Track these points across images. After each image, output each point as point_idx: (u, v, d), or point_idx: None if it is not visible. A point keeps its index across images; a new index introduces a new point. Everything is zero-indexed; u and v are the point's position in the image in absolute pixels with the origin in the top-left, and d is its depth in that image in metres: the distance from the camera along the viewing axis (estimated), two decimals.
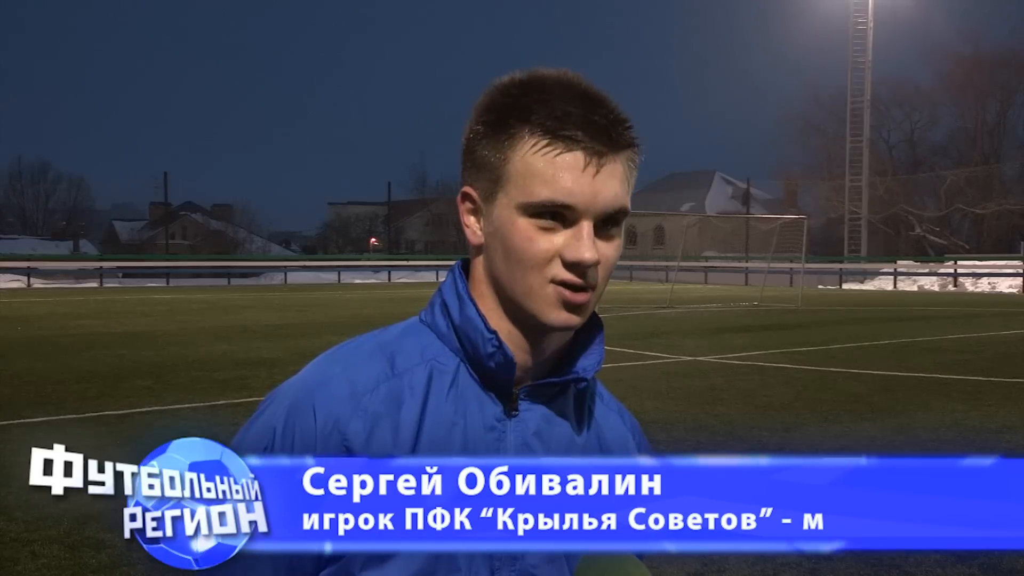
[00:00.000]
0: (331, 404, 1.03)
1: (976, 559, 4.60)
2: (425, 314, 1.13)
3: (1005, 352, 13.86)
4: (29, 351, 13.38)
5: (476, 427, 1.06)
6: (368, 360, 1.07)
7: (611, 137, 1.02)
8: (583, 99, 1.03)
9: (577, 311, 1.03)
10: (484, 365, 1.07)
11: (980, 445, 7.15)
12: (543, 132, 1.01)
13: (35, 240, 64.36)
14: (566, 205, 1.00)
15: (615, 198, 1.02)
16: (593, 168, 1.00)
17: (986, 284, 39.17)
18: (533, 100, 1.02)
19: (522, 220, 1.01)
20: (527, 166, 1.01)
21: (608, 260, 1.04)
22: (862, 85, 51.32)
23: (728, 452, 2.67)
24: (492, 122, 1.04)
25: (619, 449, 1.18)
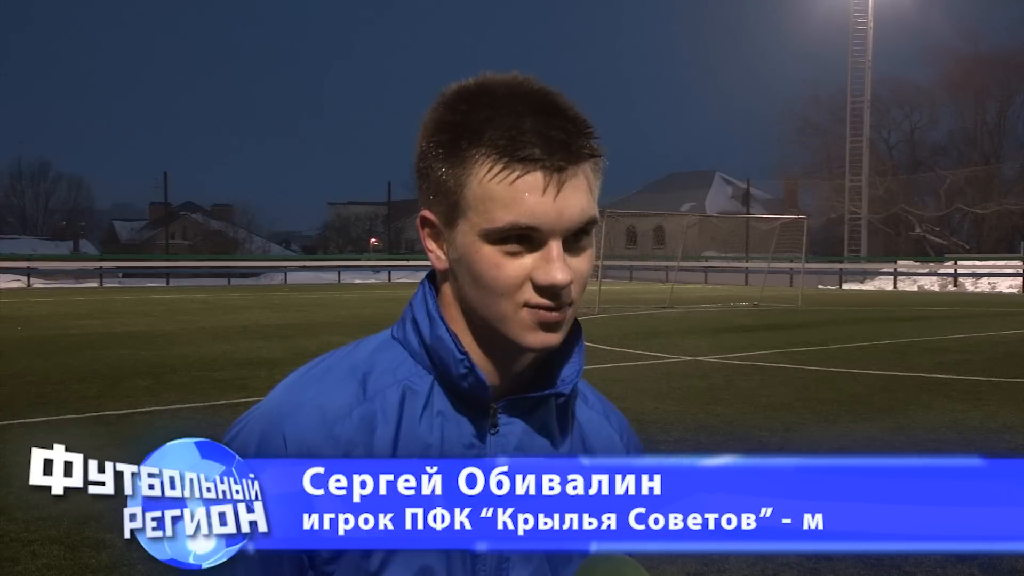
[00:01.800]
0: (302, 434, 1.00)
1: (976, 559, 4.60)
2: (397, 330, 1.10)
3: (1005, 352, 13.86)
4: (29, 351, 13.37)
5: (454, 447, 1.03)
6: (340, 383, 1.04)
7: (570, 150, 0.97)
8: (537, 111, 0.97)
9: (555, 330, 1.00)
10: (458, 387, 1.04)
11: (980, 445, 7.15)
12: (498, 155, 0.96)
13: (35, 240, 64.36)
14: (531, 227, 0.96)
15: (581, 212, 0.98)
16: (554, 187, 0.96)
17: (986, 284, 39.16)
18: (484, 118, 0.97)
19: (487, 247, 0.97)
20: (485, 191, 0.96)
21: (581, 274, 1.00)
22: (862, 85, 51.32)
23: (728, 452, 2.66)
24: (443, 143, 0.99)
25: (604, 452, 1.16)
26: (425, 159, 1.01)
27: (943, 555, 4.65)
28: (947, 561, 4.57)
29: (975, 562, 4.56)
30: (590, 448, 1.14)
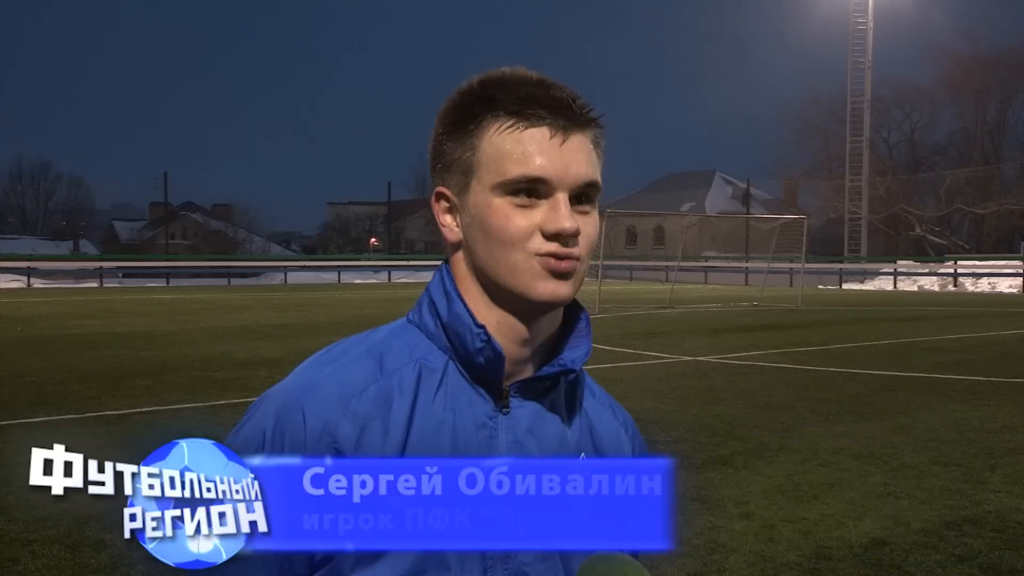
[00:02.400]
0: (320, 407, 1.03)
1: (976, 559, 4.60)
2: (413, 314, 1.13)
3: (1005, 352, 13.86)
4: (29, 351, 13.37)
5: (467, 425, 1.06)
6: (357, 362, 1.08)
7: (574, 111, 1.04)
8: (542, 83, 1.05)
9: (564, 280, 1.04)
10: (473, 361, 1.07)
11: (980, 445, 7.16)
12: (507, 114, 1.03)
13: (35, 240, 64.36)
14: (539, 179, 1.02)
15: (587, 171, 1.04)
16: (559, 139, 1.03)
17: (986, 284, 39.16)
18: (496, 89, 1.05)
19: (498, 200, 1.03)
20: (495, 148, 1.03)
21: (588, 235, 1.05)
22: (862, 85, 51.30)
23: (728, 452, 2.69)
24: (457, 120, 1.06)
25: (611, 444, 1.18)
26: (438, 142, 1.08)
27: (943, 555, 4.65)
28: (947, 561, 4.57)
29: (975, 562, 4.56)
30: (597, 438, 1.16)
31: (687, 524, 5.12)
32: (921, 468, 6.43)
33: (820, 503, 5.55)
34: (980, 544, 4.82)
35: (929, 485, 5.98)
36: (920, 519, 5.25)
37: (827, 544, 4.81)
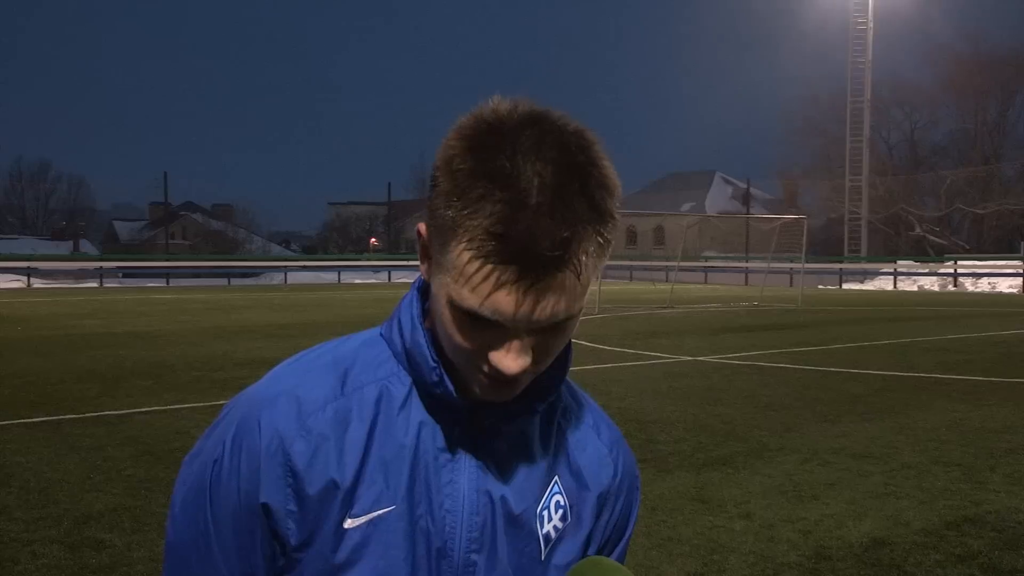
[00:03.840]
0: (276, 422, 1.01)
1: (976, 559, 4.60)
2: (385, 328, 1.10)
3: (1005, 352, 13.85)
4: (29, 351, 13.37)
5: (428, 450, 1.03)
6: (321, 376, 1.05)
7: (562, 260, 0.88)
8: (551, 190, 0.88)
9: (500, 397, 1.00)
10: (432, 393, 1.04)
11: (980, 445, 7.15)
12: (481, 243, 0.88)
13: (35, 240, 64.36)
14: (493, 322, 0.92)
15: (553, 316, 0.92)
16: (531, 298, 0.89)
17: (986, 284, 39.16)
18: (483, 190, 0.88)
19: (451, 311, 0.94)
20: (461, 267, 0.90)
21: (550, 352, 0.97)
22: (862, 85, 51.29)
23: (728, 452, 2.68)
24: (446, 190, 0.91)
25: (591, 469, 1.13)
26: (434, 182, 0.94)
27: (943, 555, 4.65)
28: (947, 561, 4.57)
29: (975, 562, 4.56)
30: (574, 462, 1.12)
31: (687, 524, 5.13)
32: (921, 468, 6.42)
33: (820, 503, 5.55)
34: (980, 544, 4.82)
35: (929, 485, 5.98)
36: (920, 519, 5.25)
37: (827, 544, 4.81)
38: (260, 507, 1.00)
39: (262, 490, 1.00)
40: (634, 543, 4.78)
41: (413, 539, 1.02)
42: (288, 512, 1.00)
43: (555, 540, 1.09)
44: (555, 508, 1.09)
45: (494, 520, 1.05)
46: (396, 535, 1.01)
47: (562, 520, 1.09)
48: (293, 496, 1.00)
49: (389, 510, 1.01)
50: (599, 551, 1.15)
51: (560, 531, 1.09)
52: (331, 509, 1.00)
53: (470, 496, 1.04)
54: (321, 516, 1.00)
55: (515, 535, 1.06)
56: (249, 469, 1.01)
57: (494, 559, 1.05)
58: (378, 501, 1.01)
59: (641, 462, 6.49)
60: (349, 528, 1.00)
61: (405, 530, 1.01)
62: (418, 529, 1.02)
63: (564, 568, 1.09)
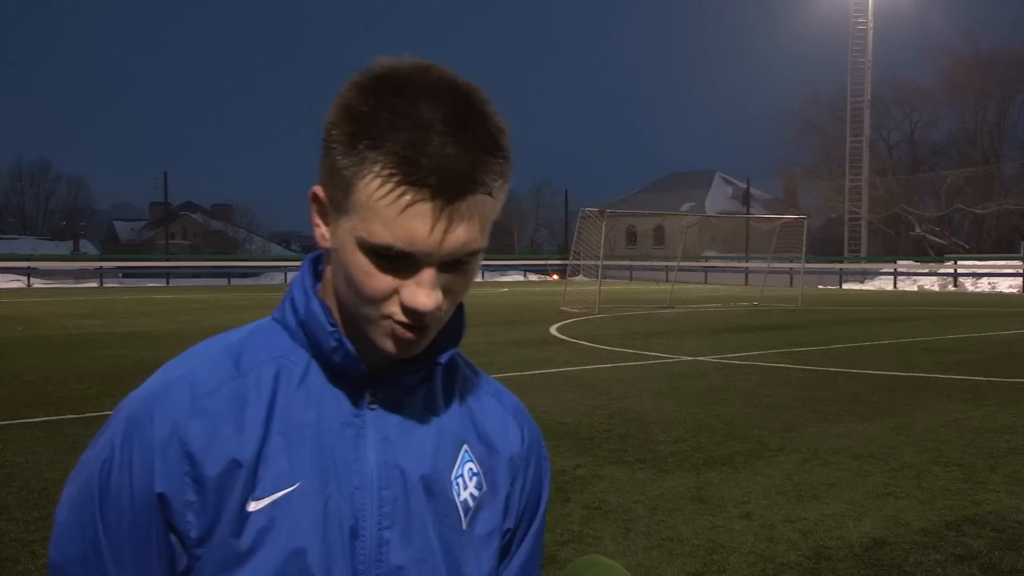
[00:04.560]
0: (170, 410, 0.98)
1: (976, 559, 4.60)
2: (277, 312, 1.08)
3: (1005, 352, 13.85)
4: (29, 351, 13.37)
5: (331, 424, 1.01)
6: (213, 361, 1.02)
7: (469, 181, 0.91)
8: (450, 123, 0.91)
9: (410, 347, 0.98)
10: (331, 360, 1.02)
11: (980, 445, 7.15)
12: (391, 171, 0.90)
13: (35, 240, 64.46)
14: (406, 253, 0.92)
15: (463, 245, 0.93)
16: (444, 222, 0.91)
17: (986, 284, 39.16)
18: (388, 122, 0.90)
19: (361, 255, 0.93)
20: (371, 203, 0.91)
21: (456, 292, 0.98)
22: (862, 85, 51.32)
23: (728, 452, 2.68)
24: (346, 132, 0.93)
25: (497, 431, 1.12)
26: (329, 136, 0.96)
27: (943, 555, 4.65)
28: (947, 561, 4.57)
29: (975, 562, 4.56)
30: (481, 429, 1.11)
31: (687, 524, 5.13)
32: (921, 468, 6.42)
33: (820, 503, 5.55)
34: (980, 544, 4.82)
35: (929, 485, 5.98)
36: (920, 519, 5.25)
37: (827, 544, 4.81)
38: (156, 499, 0.96)
39: (157, 480, 0.96)
40: (634, 543, 4.78)
41: (324, 519, 0.98)
42: (186, 503, 0.96)
43: (474, 509, 1.06)
44: (469, 475, 1.07)
45: (406, 493, 1.02)
46: (303, 515, 0.97)
47: (477, 488, 1.07)
48: (191, 484, 0.96)
49: (292, 489, 0.97)
50: (516, 524, 1.12)
51: (477, 499, 1.07)
52: (233, 491, 0.96)
53: (379, 470, 1.01)
54: (222, 500, 0.96)
55: (432, 506, 1.03)
56: (143, 462, 0.96)
57: (409, 533, 1.02)
58: (281, 480, 0.97)
59: (641, 462, 6.52)
60: (252, 511, 0.96)
61: (313, 510, 0.98)
62: (329, 508, 0.98)
63: (486, 539, 1.07)
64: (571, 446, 7.04)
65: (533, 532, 1.15)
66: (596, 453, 6.81)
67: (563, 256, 40.92)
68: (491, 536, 1.07)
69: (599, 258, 26.01)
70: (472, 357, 1.19)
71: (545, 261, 51.85)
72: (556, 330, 17.32)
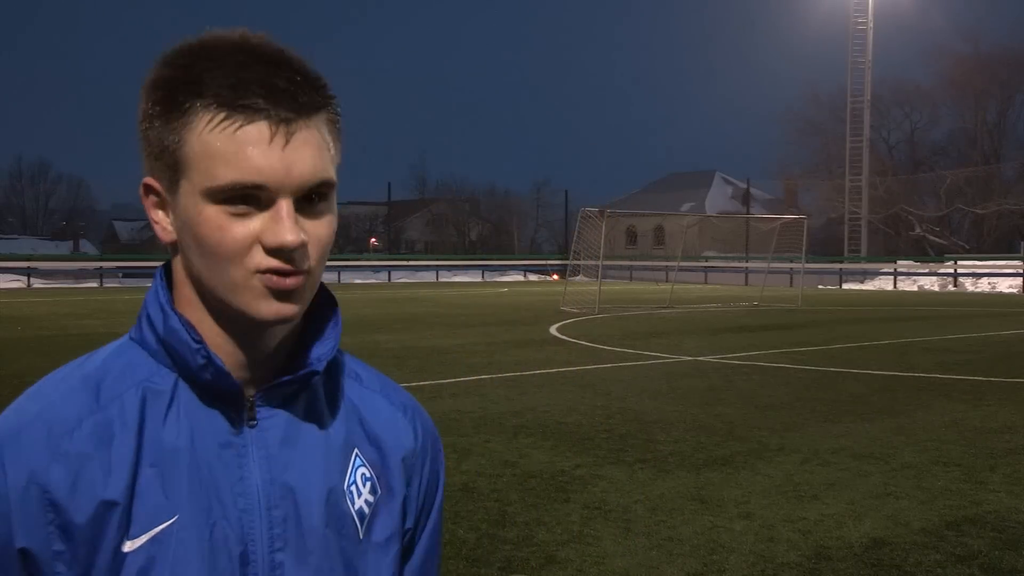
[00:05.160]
0: (24, 455, 0.88)
1: (976, 559, 4.60)
2: (134, 331, 0.98)
3: (1005, 352, 13.86)
4: (29, 351, 13.37)
5: (208, 447, 0.93)
6: (69, 396, 0.92)
7: (298, 100, 0.88)
8: (262, 62, 0.89)
9: (290, 299, 0.90)
10: (200, 379, 0.93)
11: (980, 445, 7.15)
12: (218, 105, 0.87)
13: (35, 240, 64.48)
14: (256, 185, 0.86)
15: (314, 170, 0.89)
16: (281, 138, 0.87)
17: (986, 284, 39.16)
18: (203, 69, 0.88)
19: (210, 208, 0.87)
20: (205, 146, 0.87)
21: (320, 240, 0.91)
22: (862, 85, 51.31)
23: (728, 452, 2.68)
24: (161, 100, 0.89)
25: (387, 430, 1.06)
26: (144, 120, 0.91)
27: (943, 555, 4.65)
28: (947, 561, 4.57)
29: (975, 562, 4.56)
30: (371, 430, 1.05)
31: (687, 524, 5.13)
32: (921, 468, 6.42)
33: (820, 503, 5.55)
34: (980, 544, 4.82)
35: (929, 485, 5.98)
36: (920, 519, 5.25)
37: (827, 544, 4.81)
38: (18, 554, 0.87)
39: (17, 535, 0.87)
40: (634, 543, 4.78)
41: (211, 549, 0.91)
42: (54, 554, 0.88)
43: (370, 515, 1.01)
44: (362, 481, 1.01)
45: (297, 511, 0.95)
46: (186, 549, 0.90)
47: (372, 493, 1.01)
48: (57, 533, 0.88)
49: (171, 523, 0.90)
50: (415, 524, 1.07)
51: (373, 505, 1.01)
52: (106, 535, 0.88)
53: (265, 489, 0.94)
54: (96, 546, 0.88)
55: (326, 520, 0.97)
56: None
57: (304, 553, 0.95)
58: (157, 515, 0.90)
59: (641, 462, 6.52)
60: (129, 552, 0.88)
61: (197, 540, 0.90)
62: (215, 536, 0.91)
63: (385, 544, 1.02)
64: (571, 446, 7.04)
65: (430, 528, 1.10)
66: (596, 453, 6.81)
67: (563, 256, 40.95)
68: (390, 541, 1.03)
69: (599, 258, 26.01)
70: (472, 357, 1.18)
71: (545, 261, 51.85)
72: (556, 330, 17.32)
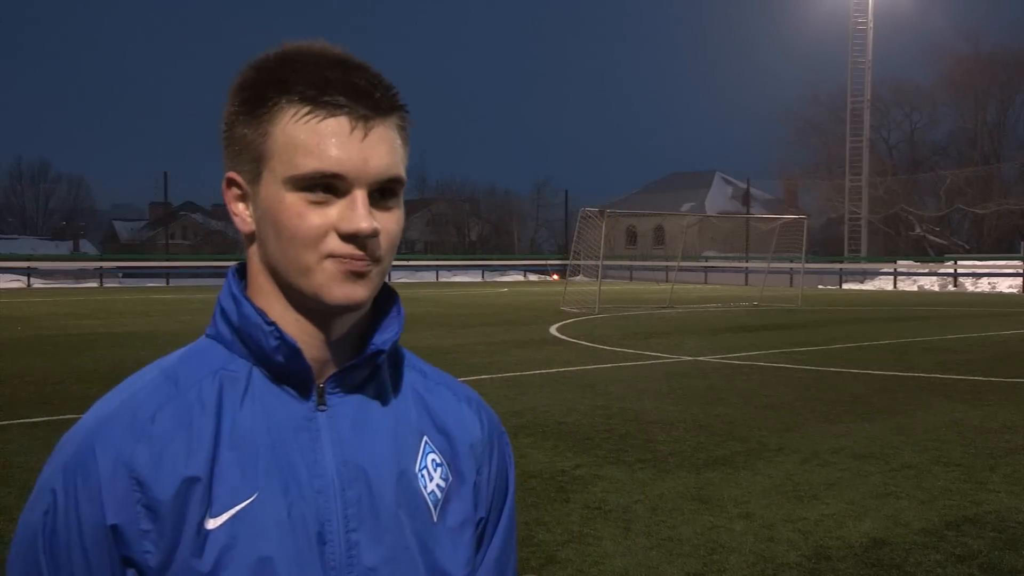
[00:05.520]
0: (111, 440, 0.94)
1: (976, 559, 4.60)
2: (210, 328, 1.05)
3: (1005, 352, 13.86)
4: (29, 351, 13.38)
5: (283, 430, 0.98)
6: (151, 385, 0.99)
7: (375, 100, 0.96)
8: (342, 65, 0.97)
9: (360, 283, 0.96)
10: (273, 361, 0.99)
11: (980, 445, 7.15)
12: (303, 100, 0.94)
13: (35, 240, 64.43)
14: (335, 174, 0.93)
15: (388, 166, 0.96)
16: (360, 132, 0.94)
17: (986, 284, 39.16)
18: (290, 71, 0.96)
19: (290, 196, 0.94)
20: (289, 138, 0.94)
21: (389, 233, 0.97)
22: (862, 85, 51.31)
23: (728, 452, 2.67)
24: (249, 99, 0.97)
25: (454, 420, 1.10)
26: (230, 121, 0.99)
27: (943, 555, 4.65)
28: (947, 561, 4.57)
29: (975, 562, 4.56)
30: (438, 420, 1.09)
31: (687, 524, 5.13)
32: (921, 468, 6.42)
33: (820, 503, 5.55)
34: (980, 544, 4.82)
35: (929, 485, 5.98)
36: (920, 519, 5.25)
37: (827, 544, 4.81)
38: (109, 532, 0.92)
39: (107, 512, 0.92)
40: (634, 543, 4.78)
41: (290, 528, 0.95)
42: (142, 532, 0.92)
43: (442, 500, 1.04)
44: (433, 467, 1.05)
45: (370, 491, 0.99)
46: (266, 527, 0.94)
47: (443, 479, 1.05)
48: (144, 512, 0.92)
49: (251, 500, 0.94)
50: (487, 514, 1.10)
51: (444, 490, 1.05)
52: (189, 511, 0.93)
53: (339, 471, 0.98)
54: (180, 522, 0.92)
55: (399, 502, 1.01)
56: (90, 500, 0.93)
57: (378, 533, 0.99)
58: (237, 494, 0.94)
59: (641, 462, 6.52)
60: (212, 529, 0.93)
61: (276, 520, 0.95)
62: (293, 516, 0.95)
63: (459, 529, 1.05)
64: (571, 446, 7.04)
65: (504, 522, 1.12)
66: (596, 453, 6.81)
67: (563, 256, 40.94)
68: (464, 526, 1.05)
69: (599, 258, 26.01)
70: (472, 357, 1.19)
71: (545, 261, 51.84)
72: (556, 330, 17.32)
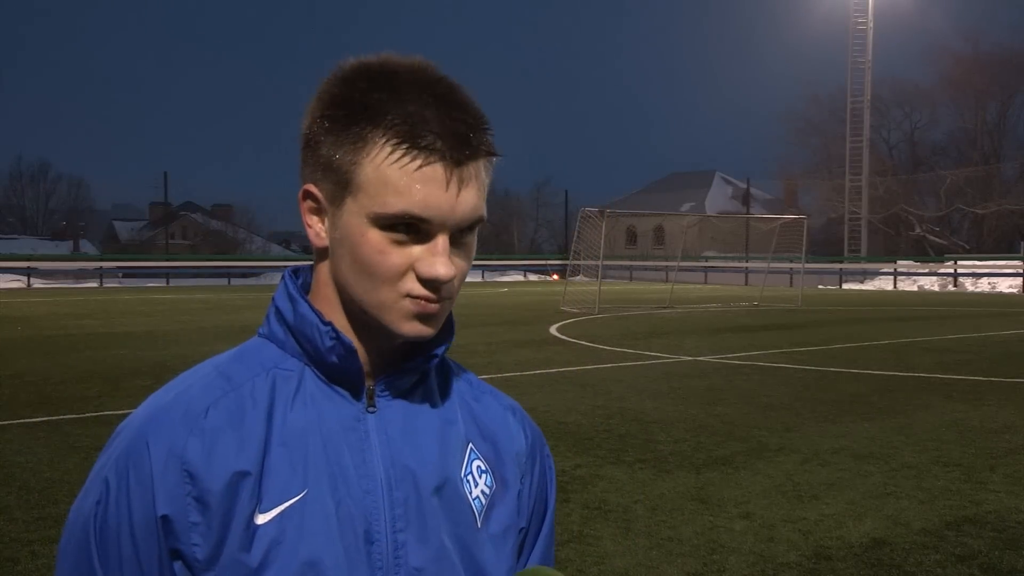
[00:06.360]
0: (165, 433, 0.95)
1: (976, 559, 4.60)
2: (263, 328, 1.06)
3: (1005, 352, 13.86)
4: (29, 351, 13.38)
5: (333, 429, 0.99)
6: (204, 380, 1.00)
7: (471, 145, 0.95)
8: (439, 101, 0.95)
9: (431, 322, 0.97)
10: (327, 361, 1.00)
11: (980, 445, 7.15)
12: (398, 140, 0.93)
13: (35, 240, 64.41)
14: (422, 219, 0.93)
15: (473, 210, 0.96)
16: (455, 183, 0.94)
17: (986, 284, 39.17)
18: (384, 99, 0.94)
19: (373, 232, 0.94)
20: (381, 176, 0.93)
21: (462, 270, 0.98)
22: (862, 85, 51.31)
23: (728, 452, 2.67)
24: (339, 119, 0.96)
25: (500, 427, 1.11)
26: (315, 132, 0.98)
27: (943, 555, 4.65)
28: (947, 561, 4.57)
29: (975, 562, 4.56)
30: (484, 427, 1.10)
31: (687, 524, 5.13)
32: (921, 468, 6.42)
33: (820, 503, 5.55)
34: (980, 544, 4.82)
35: (929, 485, 5.98)
36: (920, 519, 5.25)
37: (827, 544, 4.81)
38: (159, 523, 0.93)
39: (159, 503, 0.93)
40: (634, 543, 4.78)
41: (338, 526, 0.96)
42: (191, 525, 0.93)
43: (486, 506, 1.05)
44: (478, 473, 1.06)
45: (418, 493, 1.00)
46: (315, 523, 0.95)
47: (488, 485, 1.06)
48: (194, 504, 0.93)
49: (300, 497, 0.95)
50: (528, 524, 1.11)
51: (489, 496, 1.06)
52: (239, 505, 0.94)
53: (387, 471, 0.99)
54: (229, 515, 0.93)
55: (444, 505, 1.02)
56: (141, 490, 0.94)
57: (424, 534, 1.00)
58: (287, 490, 0.95)
59: (641, 462, 6.52)
60: (261, 524, 0.94)
61: (324, 517, 0.96)
62: (341, 514, 0.96)
63: (503, 536, 1.06)
64: (571, 446, 7.04)
65: (545, 534, 1.14)
66: (596, 453, 6.81)
67: (563, 256, 40.93)
68: (507, 533, 1.06)
69: (599, 258, 26.01)
70: (472, 357, 1.19)
71: (545, 261, 51.85)
72: (556, 330, 17.32)
